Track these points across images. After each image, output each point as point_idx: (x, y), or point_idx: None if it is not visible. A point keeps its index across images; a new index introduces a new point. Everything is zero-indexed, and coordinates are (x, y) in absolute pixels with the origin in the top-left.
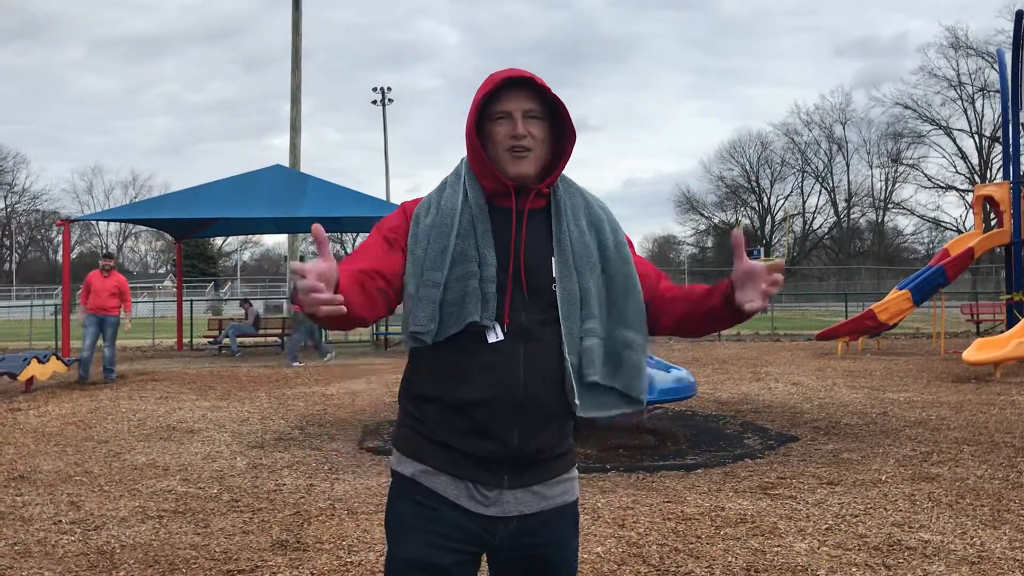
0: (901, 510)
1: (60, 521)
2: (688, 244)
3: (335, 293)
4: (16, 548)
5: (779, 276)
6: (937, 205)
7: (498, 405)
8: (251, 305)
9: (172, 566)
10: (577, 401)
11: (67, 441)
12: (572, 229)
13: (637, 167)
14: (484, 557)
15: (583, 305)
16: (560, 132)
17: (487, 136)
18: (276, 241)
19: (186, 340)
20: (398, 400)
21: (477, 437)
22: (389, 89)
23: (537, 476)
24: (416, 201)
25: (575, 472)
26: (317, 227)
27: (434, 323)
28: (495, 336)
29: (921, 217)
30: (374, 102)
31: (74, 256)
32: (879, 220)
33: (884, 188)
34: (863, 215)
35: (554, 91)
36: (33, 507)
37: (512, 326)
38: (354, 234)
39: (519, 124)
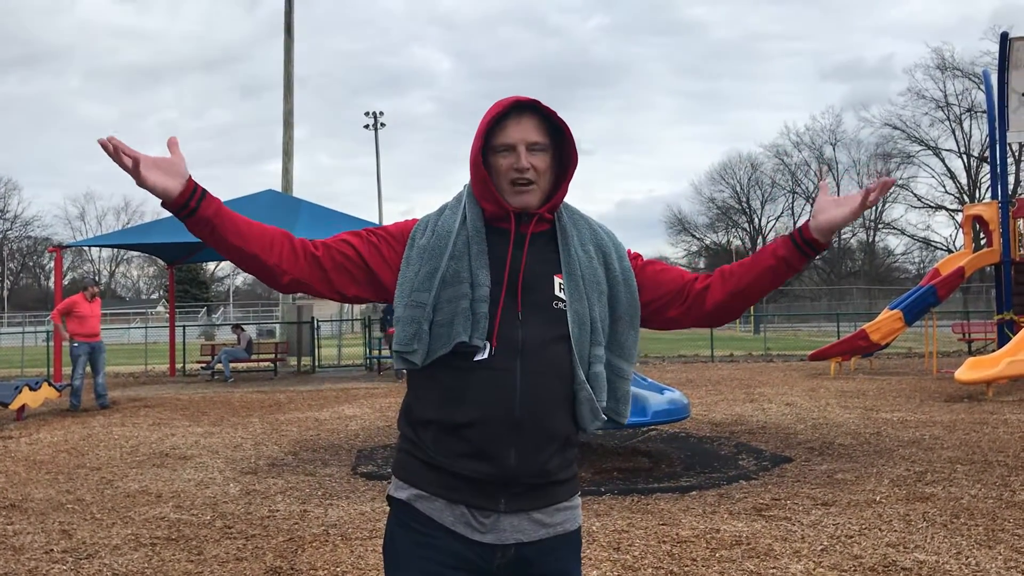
0: (896, 530)
1: (52, 550)
2: (680, 265)
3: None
4: None
5: (888, 180)
6: (927, 225)
7: (492, 424)
8: (243, 330)
9: None
10: (592, 421)
11: (59, 469)
12: (580, 254)
13: (629, 189)
14: None
15: (592, 330)
16: (563, 157)
17: (491, 166)
18: None
19: (179, 366)
20: (398, 426)
21: (472, 459)
22: (381, 113)
23: (536, 501)
24: (414, 221)
25: (577, 500)
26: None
27: (418, 343)
28: (483, 355)
29: (911, 237)
30: (366, 126)
31: (66, 282)
32: (870, 240)
33: (874, 209)
34: (854, 235)
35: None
36: (24, 536)
37: (506, 344)
38: None
39: (523, 157)
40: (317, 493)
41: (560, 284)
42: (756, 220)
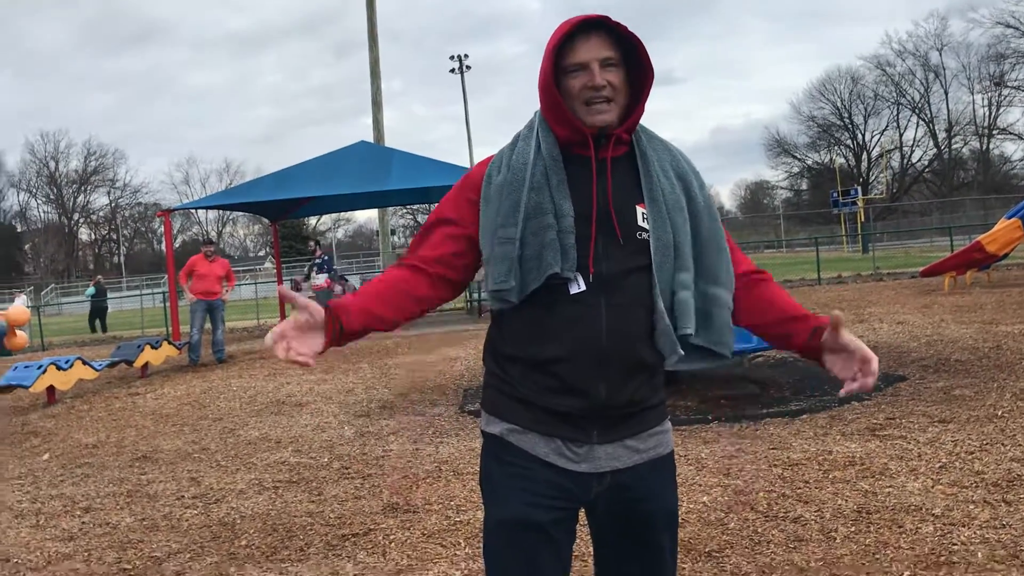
0: (1021, 444)
1: (183, 496)
2: (782, 188)
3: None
4: (145, 523)
5: (872, 374)
6: None
7: (580, 360)
8: (347, 281)
9: (290, 533)
10: (670, 354)
11: (184, 421)
12: (663, 180)
13: (726, 114)
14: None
15: (676, 256)
16: (637, 73)
17: (563, 90)
18: (367, 216)
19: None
20: (483, 361)
21: (562, 394)
22: (466, 56)
23: (628, 430)
24: (489, 159)
25: (668, 424)
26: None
27: (514, 279)
28: (577, 287)
29: None
30: (452, 71)
31: (177, 245)
32: (983, 148)
33: (987, 114)
34: (965, 144)
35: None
36: (157, 484)
37: (591, 277)
38: None
39: (597, 75)
40: (428, 432)
41: (643, 214)
42: (859, 136)
